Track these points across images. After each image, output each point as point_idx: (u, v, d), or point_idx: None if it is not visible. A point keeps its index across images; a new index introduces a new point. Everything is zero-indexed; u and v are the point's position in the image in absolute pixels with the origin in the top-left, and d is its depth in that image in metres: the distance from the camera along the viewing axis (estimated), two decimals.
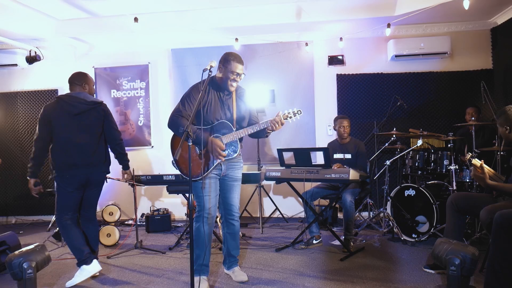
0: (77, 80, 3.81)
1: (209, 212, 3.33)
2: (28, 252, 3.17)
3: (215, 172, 3.38)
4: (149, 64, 6.72)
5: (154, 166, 6.67)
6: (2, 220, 6.88)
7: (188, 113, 3.25)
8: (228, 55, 3.33)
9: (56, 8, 5.58)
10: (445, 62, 6.20)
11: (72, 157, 3.63)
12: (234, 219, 3.54)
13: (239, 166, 3.55)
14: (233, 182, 3.50)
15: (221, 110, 3.37)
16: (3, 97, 6.91)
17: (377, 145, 5.91)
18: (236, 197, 3.54)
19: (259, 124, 3.34)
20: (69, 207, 3.68)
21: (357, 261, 4.02)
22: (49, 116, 3.63)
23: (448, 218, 3.58)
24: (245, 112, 3.49)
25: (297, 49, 6.39)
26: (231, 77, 3.29)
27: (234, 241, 3.60)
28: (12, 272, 3.06)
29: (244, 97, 3.51)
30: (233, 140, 3.34)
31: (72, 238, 3.64)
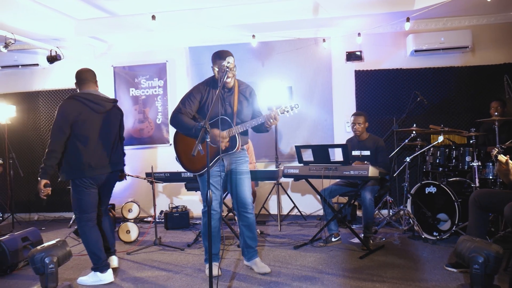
0: (91, 77, 3.73)
1: (214, 209, 3.49)
2: (49, 247, 3.21)
3: (217, 168, 3.50)
4: (166, 63, 6.76)
5: (172, 164, 6.65)
6: (25, 216, 7.02)
7: (188, 111, 3.46)
8: (214, 54, 3.52)
9: (76, 8, 5.65)
10: (466, 57, 6.07)
11: (96, 157, 3.57)
12: (248, 212, 3.61)
13: (243, 160, 3.62)
14: (241, 175, 3.58)
15: (221, 107, 3.45)
16: (26, 96, 7.05)
17: (396, 142, 5.82)
18: (247, 190, 3.59)
19: (256, 119, 3.42)
20: (89, 207, 3.60)
21: (377, 259, 3.96)
22: (74, 114, 3.47)
23: (471, 216, 3.50)
24: (247, 109, 3.56)
25: (315, 45, 6.34)
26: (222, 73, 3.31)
27: (251, 232, 3.67)
28: (34, 267, 3.11)
29: (247, 93, 3.58)
30: (232, 135, 3.42)
31: (90, 243, 3.58)
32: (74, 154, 3.50)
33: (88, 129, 3.54)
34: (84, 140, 3.51)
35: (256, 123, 3.42)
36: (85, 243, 3.62)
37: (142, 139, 6.79)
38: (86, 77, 3.71)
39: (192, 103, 3.49)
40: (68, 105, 3.51)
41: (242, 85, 3.60)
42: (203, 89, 3.53)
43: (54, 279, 3.14)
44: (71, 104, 3.52)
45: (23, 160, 6.85)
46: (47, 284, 3.09)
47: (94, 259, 3.59)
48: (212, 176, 3.50)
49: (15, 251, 3.97)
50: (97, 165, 3.59)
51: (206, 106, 3.48)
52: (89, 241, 3.59)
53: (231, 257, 4.20)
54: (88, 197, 3.59)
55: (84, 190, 3.56)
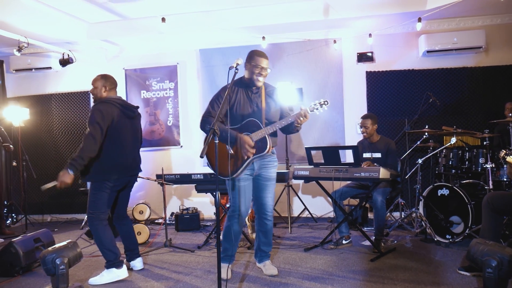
0: (116, 83, 3.86)
1: (240, 214, 3.44)
2: (60, 248, 3.24)
3: (247, 172, 3.42)
4: (177, 65, 6.79)
5: (183, 166, 6.72)
6: (38, 218, 7.10)
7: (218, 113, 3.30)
8: (252, 52, 3.42)
9: (88, 12, 5.71)
10: (480, 57, 5.98)
11: (127, 160, 3.71)
12: (267, 218, 3.56)
13: (272, 165, 3.55)
14: (267, 181, 3.52)
15: (250, 108, 3.41)
16: (39, 99, 7.13)
17: (408, 144, 5.76)
18: (270, 196, 3.55)
19: (286, 119, 3.35)
20: (105, 207, 3.67)
21: (388, 262, 3.92)
22: (111, 118, 3.56)
23: (484, 218, 3.44)
24: (275, 110, 3.51)
25: (325, 46, 6.31)
26: (256, 72, 3.34)
27: (266, 238, 3.65)
28: (45, 268, 3.14)
29: (274, 94, 3.54)
30: (262, 136, 3.34)
31: (105, 240, 3.62)
32: (108, 156, 3.58)
33: (122, 133, 3.66)
34: (118, 143, 3.63)
35: (285, 122, 3.35)
36: (99, 241, 3.64)
37: (153, 141, 6.83)
38: (115, 83, 3.85)
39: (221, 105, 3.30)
40: (106, 108, 3.58)
41: (268, 87, 3.56)
42: (231, 90, 3.42)
43: (65, 280, 3.16)
44: (108, 107, 3.59)
45: (36, 162, 6.94)
46: (58, 285, 3.11)
47: (110, 256, 3.63)
48: (243, 180, 3.43)
49: (27, 252, 4.02)
50: (127, 168, 3.74)
51: (234, 108, 3.41)
52: (104, 238, 3.63)
53: (241, 259, 4.19)
54: (108, 197, 3.67)
55: (107, 192, 3.64)
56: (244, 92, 3.45)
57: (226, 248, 3.57)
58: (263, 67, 3.34)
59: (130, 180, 3.88)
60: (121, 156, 3.66)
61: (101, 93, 3.72)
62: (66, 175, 3.38)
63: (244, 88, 3.46)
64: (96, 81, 3.75)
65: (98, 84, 3.74)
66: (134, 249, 3.98)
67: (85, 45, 6.68)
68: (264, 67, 3.35)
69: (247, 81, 3.44)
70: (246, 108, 3.41)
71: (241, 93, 3.44)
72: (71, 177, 3.40)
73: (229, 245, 3.54)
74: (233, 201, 3.45)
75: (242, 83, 3.48)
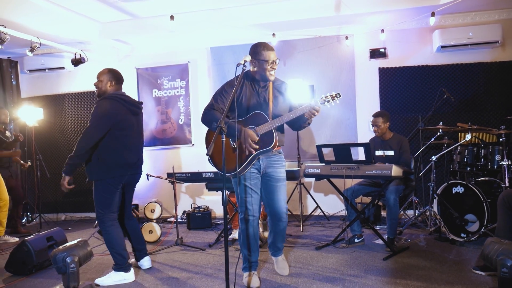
0: (122, 79, 3.79)
1: (252, 214, 3.27)
2: (71, 247, 3.25)
3: (253, 169, 3.26)
4: (188, 63, 6.79)
5: (195, 164, 6.69)
6: (53, 217, 7.18)
7: (221, 106, 3.22)
8: (256, 46, 3.19)
9: (99, 11, 5.74)
10: (496, 52, 5.84)
11: (129, 157, 3.67)
12: (282, 220, 3.41)
13: (280, 164, 3.36)
14: (276, 182, 3.33)
15: (256, 102, 3.25)
16: (53, 99, 7.21)
17: (422, 141, 5.66)
18: (282, 199, 3.35)
19: (295, 111, 3.14)
20: (116, 206, 3.67)
21: (401, 261, 3.85)
22: (115, 114, 3.53)
23: (500, 217, 3.35)
24: (283, 104, 3.33)
25: (337, 43, 6.24)
26: (267, 67, 3.15)
27: (281, 236, 3.53)
28: (56, 266, 3.15)
29: (282, 89, 3.35)
30: (268, 130, 3.16)
31: (116, 243, 3.60)
32: (113, 153, 3.56)
33: (126, 130, 3.64)
34: (123, 140, 3.61)
35: (294, 115, 3.13)
36: (110, 243, 3.62)
37: (165, 140, 6.85)
38: (121, 79, 3.80)
39: (225, 98, 3.22)
40: (111, 105, 3.55)
41: (277, 81, 3.37)
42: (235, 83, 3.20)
43: (76, 279, 3.17)
44: (113, 104, 3.56)
45: (50, 161, 7.02)
46: (68, 283, 3.13)
47: (119, 259, 3.62)
48: (250, 179, 3.26)
49: (40, 251, 4.05)
50: (132, 165, 3.72)
51: (240, 101, 3.23)
52: (114, 241, 3.61)
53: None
54: (116, 196, 3.66)
55: (113, 189, 3.63)
56: (250, 85, 3.28)
57: (246, 256, 3.37)
58: (274, 61, 3.16)
59: (135, 178, 3.85)
60: (127, 153, 3.64)
61: (106, 87, 3.66)
62: (62, 179, 3.51)
63: (250, 82, 3.29)
64: (102, 75, 3.69)
65: (104, 78, 3.67)
66: (142, 249, 3.97)
67: (97, 45, 6.72)
68: (274, 60, 3.16)
69: (255, 75, 3.26)
70: (252, 101, 3.24)
71: (247, 86, 3.27)
72: (65, 179, 3.49)
73: (248, 252, 3.34)
74: (241, 201, 3.28)
75: (248, 77, 3.30)
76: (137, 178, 3.90)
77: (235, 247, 4.60)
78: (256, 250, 3.38)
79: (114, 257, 3.64)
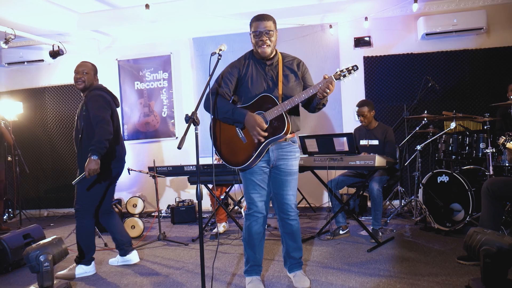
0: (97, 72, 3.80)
1: (259, 211, 2.99)
2: (45, 245, 3.14)
3: (262, 164, 2.93)
4: (171, 54, 6.64)
5: (178, 157, 6.60)
6: (35, 213, 7.04)
7: (225, 90, 2.93)
8: (251, 19, 2.90)
9: (76, 2, 5.57)
10: (481, 39, 5.78)
11: (122, 150, 3.74)
12: (290, 218, 3.04)
13: (293, 156, 2.99)
14: (286, 176, 2.98)
15: (264, 83, 2.91)
16: (32, 93, 7.03)
17: (407, 130, 5.60)
18: (291, 193, 3.01)
19: (307, 91, 2.77)
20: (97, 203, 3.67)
21: (386, 253, 3.80)
22: (110, 105, 3.58)
23: (484, 206, 3.30)
24: (295, 83, 2.94)
25: (321, 32, 6.14)
26: (256, 41, 2.83)
27: (294, 242, 3.12)
28: (29, 265, 3.05)
29: (294, 66, 2.98)
30: (279, 114, 2.79)
31: (90, 236, 3.64)
32: (111, 147, 3.58)
33: (116, 122, 3.68)
34: (116, 133, 3.64)
35: (306, 95, 2.75)
36: (84, 237, 3.61)
37: (148, 133, 6.72)
38: (96, 71, 3.78)
39: (230, 82, 2.93)
40: (104, 97, 3.56)
41: (287, 58, 3.01)
42: (240, 64, 2.97)
43: (50, 278, 3.07)
44: (105, 97, 3.59)
45: (31, 156, 6.87)
46: (42, 282, 3.03)
47: (86, 252, 3.62)
48: (256, 174, 2.94)
49: (16, 249, 3.93)
50: (123, 158, 3.77)
51: (246, 83, 2.92)
52: (88, 235, 3.62)
53: (235, 251, 4.09)
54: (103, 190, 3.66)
55: (104, 183, 3.62)
56: (256, 65, 2.95)
57: (249, 257, 3.07)
58: (261, 32, 2.79)
59: (121, 171, 3.82)
60: (120, 146, 3.71)
61: (94, 79, 3.69)
62: (92, 162, 3.30)
63: (255, 61, 2.96)
64: (87, 67, 3.67)
65: (90, 71, 3.67)
66: (127, 242, 3.89)
67: (77, 37, 6.55)
68: (262, 31, 2.78)
69: (255, 53, 2.95)
70: (259, 82, 2.91)
71: (252, 66, 2.95)
72: (97, 162, 3.31)
73: (251, 252, 3.05)
74: (247, 196, 2.98)
75: (253, 57, 2.99)
76: (122, 171, 3.86)
77: (220, 241, 4.52)
78: (260, 252, 3.09)
79: (83, 251, 3.62)
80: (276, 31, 2.89)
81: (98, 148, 3.32)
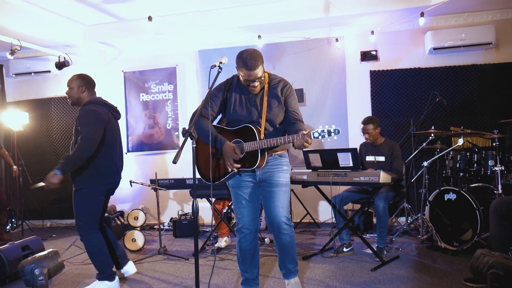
0: (94, 83, 3.64)
1: (246, 227, 2.96)
2: (40, 258, 3.12)
3: (248, 178, 2.96)
4: (176, 67, 6.64)
5: (182, 170, 6.53)
6: (38, 223, 7.01)
7: (210, 112, 2.94)
8: (238, 57, 2.82)
9: (83, 14, 5.59)
10: (490, 54, 5.69)
11: (116, 164, 3.57)
12: (281, 232, 2.92)
13: (280, 169, 2.94)
14: (272, 188, 2.90)
15: (246, 109, 2.90)
16: (39, 103, 7.05)
17: (414, 145, 5.50)
18: (279, 205, 2.89)
19: (284, 138, 2.73)
20: (100, 214, 3.53)
21: (390, 272, 3.68)
22: (105, 119, 3.40)
23: (492, 226, 3.19)
24: (277, 109, 2.90)
25: (327, 45, 6.09)
26: (246, 83, 2.83)
27: (287, 255, 3.03)
28: (24, 279, 3.02)
29: (278, 90, 2.91)
30: (255, 150, 2.81)
31: (100, 252, 3.44)
32: (104, 160, 3.42)
33: (113, 135, 3.52)
34: (112, 147, 3.50)
35: (283, 142, 2.72)
36: (91, 252, 3.45)
37: (152, 145, 6.69)
38: (94, 83, 3.64)
39: (214, 104, 2.95)
40: (99, 109, 3.40)
41: (273, 80, 2.94)
42: (226, 87, 2.99)
43: None
44: (101, 109, 3.42)
45: (35, 167, 6.86)
46: None
47: (104, 268, 3.43)
48: (243, 188, 2.95)
49: (14, 261, 3.85)
50: (117, 171, 3.61)
51: (231, 108, 2.94)
52: (98, 250, 3.45)
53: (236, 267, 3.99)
54: (102, 205, 3.53)
55: (100, 198, 3.48)
56: (241, 90, 2.94)
57: (242, 271, 3.07)
58: (248, 80, 2.79)
59: (117, 185, 3.70)
60: (115, 159, 3.54)
61: (78, 93, 3.49)
62: (54, 177, 3.17)
63: (241, 87, 2.94)
64: (72, 81, 3.52)
65: (74, 84, 3.50)
66: (121, 255, 3.77)
67: (83, 48, 6.59)
68: (250, 80, 2.78)
69: None
70: (242, 108, 2.91)
71: (239, 90, 2.94)
72: (59, 178, 3.18)
73: (244, 267, 3.04)
74: (236, 211, 2.99)
75: (238, 82, 2.97)
76: (117, 185, 3.74)
77: (219, 256, 4.44)
78: (254, 267, 3.04)
79: (97, 266, 3.45)
80: (263, 68, 2.84)
81: (65, 165, 3.19)
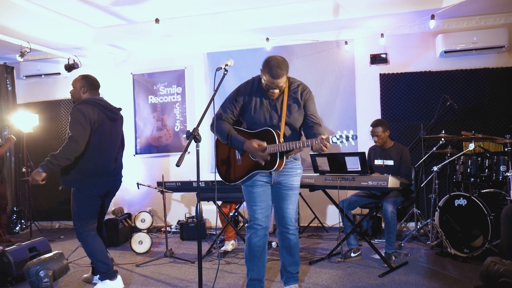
0: (97, 84, 3.65)
1: (258, 223, 3.02)
2: (45, 260, 3.12)
3: (263, 179, 3.02)
4: (185, 69, 6.64)
5: (190, 172, 6.51)
6: (47, 225, 7.04)
7: (229, 116, 3.02)
8: (266, 62, 2.85)
9: (93, 16, 5.61)
10: (502, 57, 5.60)
11: (108, 164, 3.51)
12: (289, 232, 3.06)
13: (294, 172, 3.05)
14: (287, 190, 3.03)
15: (267, 113, 2.95)
16: (49, 105, 7.10)
17: (424, 150, 5.43)
18: (291, 207, 3.04)
19: (303, 142, 2.79)
20: (93, 216, 3.51)
21: (398, 279, 3.62)
22: (94, 119, 3.36)
23: (503, 233, 3.13)
24: (297, 113, 2.97)
25: (336, 48, 6.05)
26: (267, 89, 2.89)
27: (291, 256, 3.13)
28: (29, 280, 3.02)
29: (298, 95, 2.96)
30: (274, 152, 2.85)
31: (97, 251, 3.45)
32: (90, 161, 3.39)
33: (103, 136, 3.47)
34: (100, 147, 3.44)
35: (301, 145, 2.79)
36: (90, 253, 3.48)
37: (160, 147, 6.69)
38: (97, 84, 3.65)
39: (234, 107, 3.01)
40: (87, 109, 3.37)
41: (293, 84, 2.99)
42: (247, 90, 3.01)
43: None
44: (89, 109, 3.39)
45: None
46: None
47: (103, 267, 3.45)
48: (257, 186, 3.01)
49: (21, 262, 3.86)
50: (109, 173, 3.53)
51: (251, 111, 2.98)
52: (95, 250, 3.46)
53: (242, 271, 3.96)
54: (95, 206, 3.50)
55: (90, 200, 3.44)
56: (262, 93, 2.97)
57: (248, 269, 3.07)
58: (270, 86, 2.85)
59: (115, 185, 3.67)
60: (103, 161, 3.47)
61: (80, 94, 3.52)
62: (37, 174, 3.25)
63: (261, 90, 2.98)
64: (75, 82, 3.55)
65: (76, 85, 3.53)
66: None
67: (93, 50, 6.62)
68: (272, 86, 2.84)
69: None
70: (262, 112, 2.95)
71: (259, 94, 2.97)
72: (42, 175, 3.26)
73: (251, 265, 3.05)
74: (249, 209, 3.05)
75: (260, 84, 2.99)
76: (117, 185, 3.71)
77: (226, 260, 4.41)
78: (261, 266, 3.07)
79: (97, 266, 3.47)
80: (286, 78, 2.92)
81: (49, 163, 3.21)
